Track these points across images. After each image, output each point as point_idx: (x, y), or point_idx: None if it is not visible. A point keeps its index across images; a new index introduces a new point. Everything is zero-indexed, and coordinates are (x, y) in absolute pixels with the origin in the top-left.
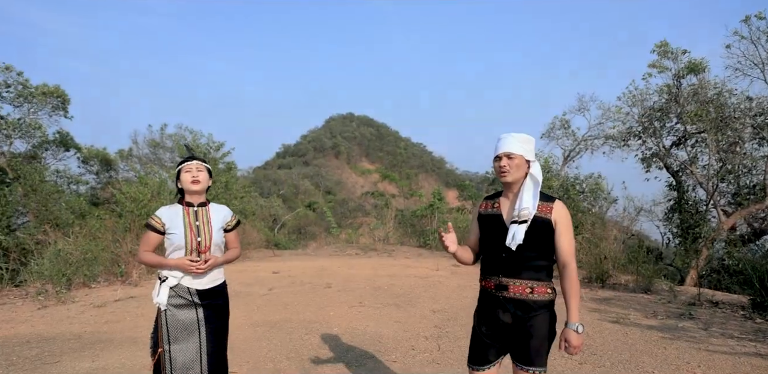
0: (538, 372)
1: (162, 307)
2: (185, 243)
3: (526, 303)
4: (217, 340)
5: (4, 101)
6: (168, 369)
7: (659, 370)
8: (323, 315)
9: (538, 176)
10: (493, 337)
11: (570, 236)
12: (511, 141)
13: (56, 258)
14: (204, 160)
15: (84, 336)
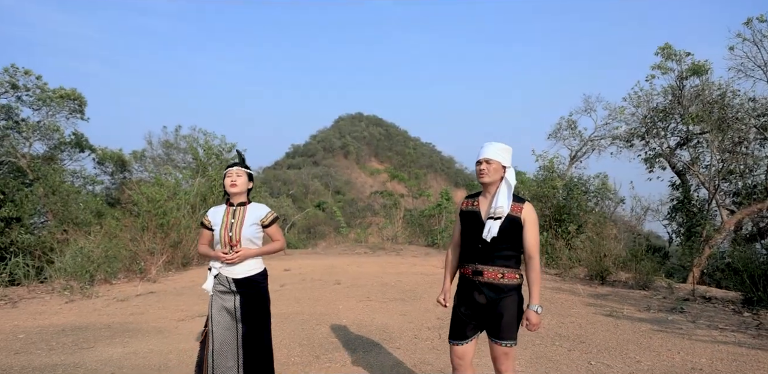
0: (509, 344)
1: (209, 293)
2: (219, 238)
3: (498, 287)
4: (251, 324)
5: (23, 105)
6: (211, 345)
7: (641, 356)
8: (333, 308)
9: (512, 180)
10: (470, 316)
11: (535, 233)
12: (491, 149)
13: (78, 256)
14: (246, 166)
15: (113, 325)
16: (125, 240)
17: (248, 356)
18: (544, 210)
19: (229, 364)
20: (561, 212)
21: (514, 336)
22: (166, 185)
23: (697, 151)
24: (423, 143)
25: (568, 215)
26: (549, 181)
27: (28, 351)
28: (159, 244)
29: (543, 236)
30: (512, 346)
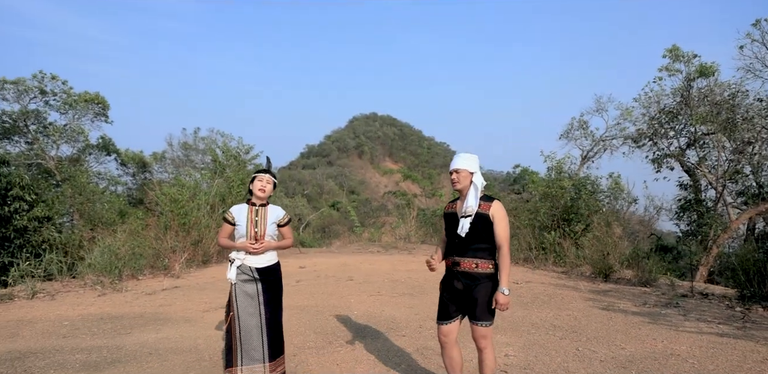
0: (485, 324)
1: (232, 282)
2: (246, 233)
3: (473, 275)
4: (272, 306)
5: (51, 109)
6: (237, 328)
7: (626, 343)
8: (345, 301)
9: (478, 184)
10: (451, 300)
11: (504, 226)
12: (458, 160)
13: (106, 253)
14: (275, 175)
15: (145, 315)
16: (149, 239)
17: (271, 334)
18: (553, 210)
19: (254, 344)
20: (569, 211)
21: (490, 318)
22: (186, 185)
23: (704, 151)
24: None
25: (576, 214)
26: (557, 181)
27: (74, 336)
28: (181, 242)
29: (551, 235)
30: (488, 326)
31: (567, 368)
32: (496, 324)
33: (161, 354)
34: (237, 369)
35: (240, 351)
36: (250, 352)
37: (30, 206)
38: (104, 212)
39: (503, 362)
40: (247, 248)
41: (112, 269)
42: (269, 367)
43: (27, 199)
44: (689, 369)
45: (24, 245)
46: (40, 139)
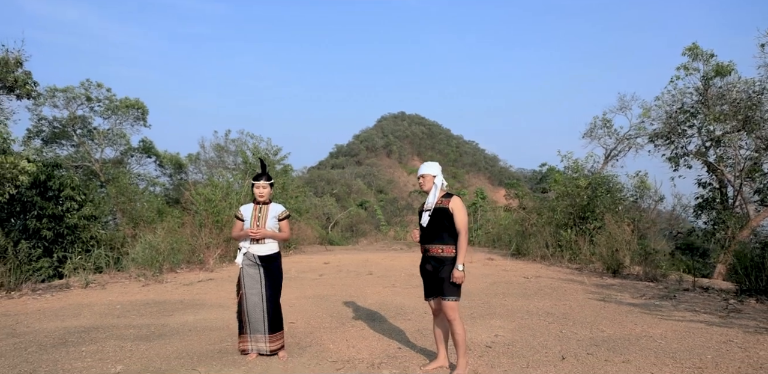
0: (451, 299)
1: (239, 266)
2: (250, 226)
3: (439, 259)
4: (272, 289)
5: (95, 114)
6: (245, 305)
7: (608, 327)
8: (361, 292)
9: (438, 184)
10: (426, 280)
11: (461, 216)
12: (423, 167)
13: (148, 249)
14: (270, 177)
15: (184, 301)
16: (186, 236)
17: (271, 312)
18: (569, 208)
19: (257, 316)
20: (585, 210)
21: (455, 293)
22: (219, 186)
23: (723, 150)
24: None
25: (592, 213)
26: (574, 180)
27: (126, 316)
28: (214, 239)
29: (567, 233)
30: (454, 301)
31: (545, 345)
32: (493, 311)
33: (199, 330)
34: (246, 337)
35: (248, 323)
36: (255, 324)
37: (80, 206)
38: (144, 211)
39: (491, 340)
40: (248, 233)
41: (153, 263)
42: (269, 338)
43: (77, 199)
44: (655, 347)
45: (75, 241)
46: (85, 142)
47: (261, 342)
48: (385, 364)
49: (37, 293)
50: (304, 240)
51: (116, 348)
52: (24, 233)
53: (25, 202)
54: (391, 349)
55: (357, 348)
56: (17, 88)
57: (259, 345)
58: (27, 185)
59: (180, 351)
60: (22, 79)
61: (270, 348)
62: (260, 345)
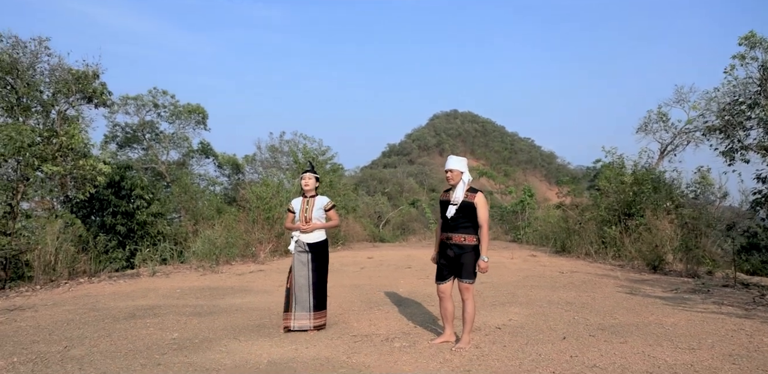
0: (468, 281)
1: (292, 252)
2: (299, 217)
3: (461, 246)
4: (319, 272)
5: (161, 119)
6: (293, 285)
7: (622, 316)
8: (395, 282)
9: (466, 180)
10: (445, 265)
11: (484, 212)
12: (451, 161)
13: (206, 243)
14: (315, 172)
15: (234, 288)
16: (240, 231)
17: (316, 292)
18: (613, 205)
19: (304, 297)
20: (630, 206)
21: (472, 277)
22: (271, 185)
23: None
24: (521, 138)
25: (638, 209)
26: (618, 176)
27: (184, 298)
28: (266, 234)
29: (611, 229)
30: (470, 283)
31: (553, 328)
32: (515, 300)
33: (244, 310)
34: (291, 314)
35: (294, 302)
36: (301, 303)
37: (148, 204)
38: (204, 209)
39: (503, 323)
40: (300, 227)
41: (210, 256)
42: (313, 315)
43: (146, 197)
44: (659, 332)
45: (144, 235)
46: (153, 146)
47: (305, 319)
48: (398, 339)
49: (113, 279)
50: (353, 237)
51: (174, 321)
52: (102, 228)
53: (102, 200)
54: (407, 328)
55: (377, 326)
56: (95, 98)
57: (302, 322)
58: (104, 185)
59: (225, 325)
60: (99, 90)
61: (313, 324)
62: (303, 322)
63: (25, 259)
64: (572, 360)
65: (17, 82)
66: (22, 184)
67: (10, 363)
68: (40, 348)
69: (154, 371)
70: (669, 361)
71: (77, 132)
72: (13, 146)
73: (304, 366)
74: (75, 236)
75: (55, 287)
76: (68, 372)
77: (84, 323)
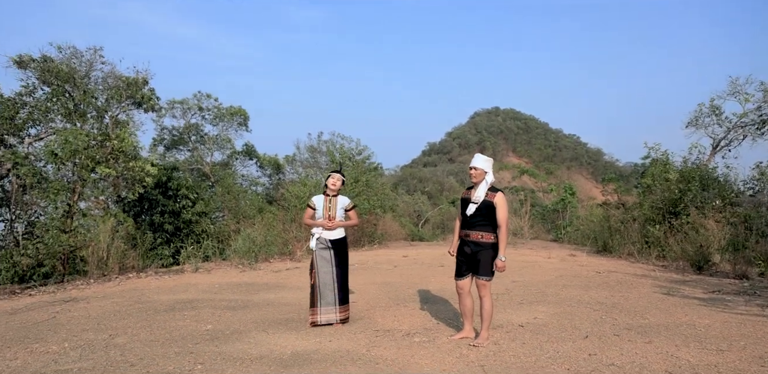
0: (485, 278)
1: (313, 249)
2: (322, 215)
3: (478, 243)
4: (341, 267)
5: (206, 122)
6: (317, 281)
7: (653, 316)
8: (425, 280)
9: (488, 181)
10: (463, 261)
11: (503, 211)
12: (477, 160)
13: (247, 241)
14: (344, 174)
15: (269, 284)
16: (279, 230)
17: (340, 286)
18: (657, 203)
19: (328, 292)
20: (676, 204)
21: (489, 274)
22: (309, 184)
23: None
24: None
25: (684, 207)
26: (662, 173)
27: (221, 293)
28: (303, 233)
29: (655, 228)
30: (487, 280)
31: (577, 327)
32: (544, 299)
33: (276, 305)
34: (317, 309)
35: (319, 298)
36: (326, 298)
37: (193, 203)
38: (246, 209)
39: (527, 322)
40: (324, 224)
41: (250, 253)
42: (339, 309)
43: (191, 197)
44: (689, 333)
45: (189, 234)
46: (198, 148)
47: (331, 314)
48: (418, 334)
49: (158, 275)
50: (391, 236)
51: (209, 314)
52: (150, 226)
53: (151, 200)
54: (429, 324)
55: (400, 322)
56: (144, 103)
57: (329, 316)
58: (152, 186)
59: (256, 318)
60: (147, 96)
61: (339, 317)
62: (330, 316)
63: (81, 255)
64: (590, 358)
65: (75, 91)
66: (79, 185)
67: (62, 348)
68: (88, 336)
69: (186, 358)
70: (692, 361)
71: (127, 136)
72: (69, 150)
73: (325, 357)
74: (126, 234)
75: (107, 281)
76: (111, 357)
77: (128, 314)
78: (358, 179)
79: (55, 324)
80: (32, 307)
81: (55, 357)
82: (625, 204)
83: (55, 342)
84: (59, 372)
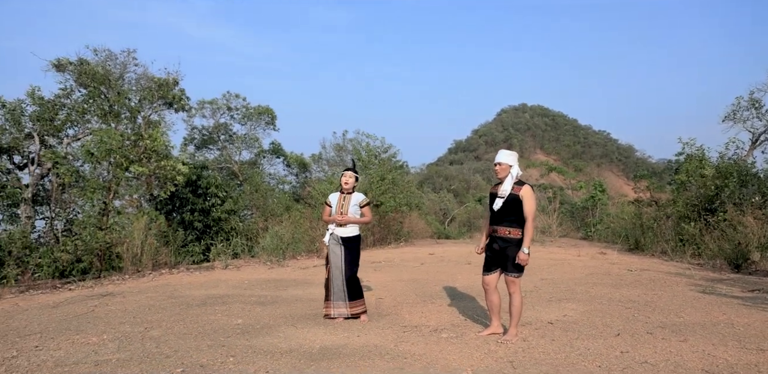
0: (514, 275)
1: (326, 244)
2: (335, 211)
3: (506, 239)
4: (351, 264)
5: (234, 121)
6: (330, 276)
7: (688, 314)
8: (452, 277)
9: (514, 174)
10: (491, 257)
11: (530, 204)
12: (501, 155)
13: (275, 239)
14: (356, 171)
15: (297, 280)
16: (306, 227)
17: (348, 282)
18: (693, 200)
19: (339, 287)
20: (712, 201)
21: (518, 270)
22: (335, 182)
23: None
24: (595, 131)
25: (722, 204)
26: (698, 169)
27: (251, 289)
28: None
29: (689, 226)
30: (516, 277)
31: (608, 324)
32: (573, 296)
33: (303, 300)
34: (330, 303)
35: (332, 292)
36: (337, 293)
37: (222, 202)
38: (274, 207)
39: (556, 319)
40: (335, 218)
41: (278, 251)
42: (349, 304)
43: (220, 196)
44: (727, 332)
45: (219, 231)
46: (227, 147)
47: (342, 308)
48: (445, 330)
49: (190, 271)
50: (417, 234)
51: (240, 309)
52: (181, 224)
53: (182, 198)
54: (457, 320)
55: (428, 318)
56: (175, 103)
57: (340, 310)
58: (182, 184)
59: (285, 313)
60: (178, 96)
61: (351, 312)
62: (341, 311)
63: (116, 251)
64: (622, 355)
65: (110, 92)
66: (114, 183)
67: (101, 339)
68: (125, 329)
69: (219, 351)
70: (730, 361)
71: (159, 135)
72: (104, 149)
73: (353, 351)
74: (158, 232)
75: (141, 277)
76: (147, 349)
77: (162, 308)
78: (384, 177)
79: (93, 317)
80: (72, 301)
81: (94, 348)
82: (658, 201)
83: (95, 333)
84: (99, 362)
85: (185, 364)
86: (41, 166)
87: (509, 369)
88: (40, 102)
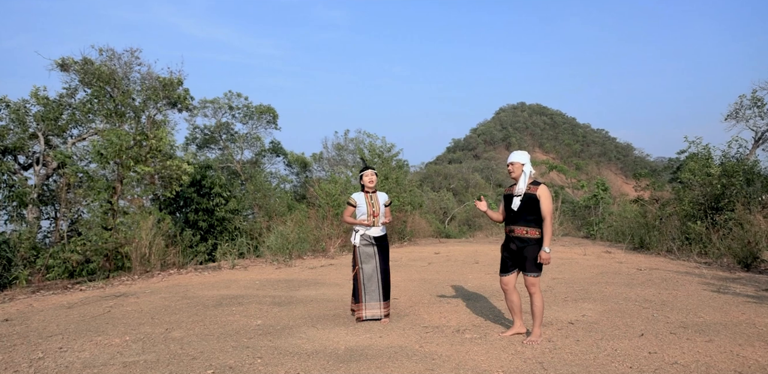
0: (533, 275)
1: (357, 245)
2: (366, 211)
3: (523, 239)
4: (385, 262)
5: (236, 120)
6: (361, 277)
7: (707, 314)
8: (463, 277)
9: (527, 172)
10: (508, 257)
11: (547, 204)
12: (514, 155)
13: (280, 238)
14: (374, 168)
15: (308, 280)
16: (311, 227)
17: (384, 281)
18: (698, 198)
19: (373, 287)
20: (718, 199)
21: (537, 270)
22: (338, 181)
23: None
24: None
25: (728, 203)
26: (704, 168)
27: (263, 289)
28: (335, 230)
29: (696, 225)
30: (536, 277)
31: (630, 324)
32: (589, 296)
33: (318, 301)
34: (362, 304)
35: (364, 293)
36: (371, 293)
37: (226, 201)
38: (276, 206)
39: (576, 319)
40: (367, 223)
41: (284, 250)
42: (383, 304)
43: (224, 195)
44: (751, 332)
45: (223, 231)
46: (229, 146)
47: (376, 309)
48: (468, 330)
49: (198, 271)
50: (419, 233)
51: (256, 309)
52: (186, 223)
53: (186, 198)
54: (476, 321)
55: (447, 318)
56: (179, 103)
57: (374, 311)
58: (187, 184)
59: (303, 314)
60: (182, 96)
61: (384, 313)
62: (375, 311)
63: (124, 251)
64: (651, 356)
65: (114, 91)
66: (119, 183)
67: (123, 340)
68: (146, 330)
69: (244, 353)
70: (761, 362)
71: (164, 135)
72: (114, 149)
73: (379, 353)
74: (165, 231)
75: (150, 277)
76: (172, 350)
77: (179, 309)
78: (388, 176)
79: (111, 317)
80: (86, 301)
81: (119, 350)
82: (659, 200)
83: (116, 335)
84: (127, 364)
85: (214, 366)
86: (46, 166)
87: (540, 371)
88: (45, 102)
